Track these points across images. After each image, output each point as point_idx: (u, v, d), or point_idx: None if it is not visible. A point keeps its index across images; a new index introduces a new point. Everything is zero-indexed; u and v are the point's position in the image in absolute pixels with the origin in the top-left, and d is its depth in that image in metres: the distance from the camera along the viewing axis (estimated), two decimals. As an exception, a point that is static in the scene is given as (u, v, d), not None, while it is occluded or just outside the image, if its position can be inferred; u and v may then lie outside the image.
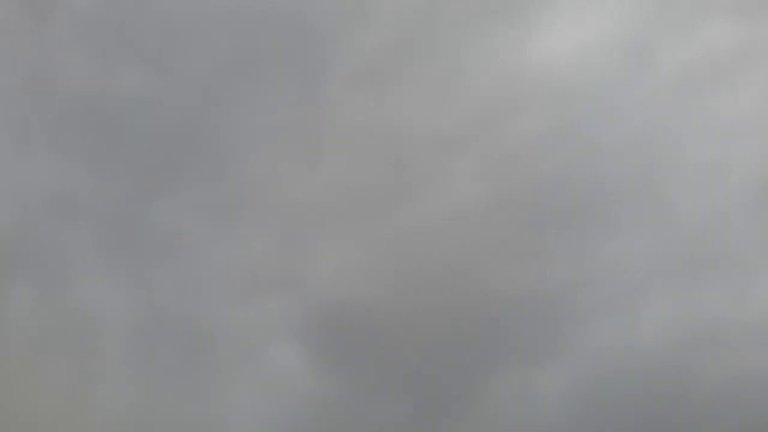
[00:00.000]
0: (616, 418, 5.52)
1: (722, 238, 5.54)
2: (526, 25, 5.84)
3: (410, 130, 5.92)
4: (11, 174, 5.81)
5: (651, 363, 5.55)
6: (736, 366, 5.40)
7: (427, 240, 5.86)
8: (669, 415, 5.46)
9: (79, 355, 5.70)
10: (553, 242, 5.75)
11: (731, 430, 5.33)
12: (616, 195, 5.74)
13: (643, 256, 5.65)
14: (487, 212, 5.80)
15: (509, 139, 5.85)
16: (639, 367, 5.57)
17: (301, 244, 6.02)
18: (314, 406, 5.84)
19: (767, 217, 5.48)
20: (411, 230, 5.88)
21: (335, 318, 5.94)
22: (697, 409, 5.44)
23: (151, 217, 6.04)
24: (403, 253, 5.89)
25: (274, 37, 6.03)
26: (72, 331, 5.74)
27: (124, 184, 5.97)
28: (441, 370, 5.80)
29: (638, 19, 5.77)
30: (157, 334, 5.93)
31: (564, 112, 5.82)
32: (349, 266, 5.97)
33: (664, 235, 5.63)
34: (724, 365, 5.41)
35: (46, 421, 5.44)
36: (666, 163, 5.68)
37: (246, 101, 6.02)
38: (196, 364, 5.95)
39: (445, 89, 5.89)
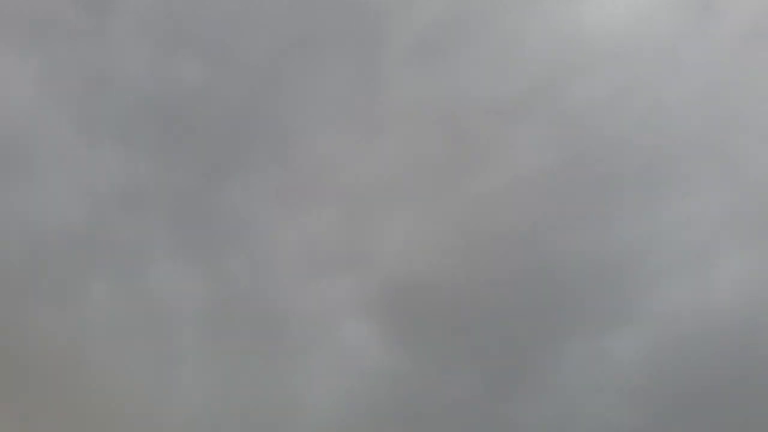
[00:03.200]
0: (692, 383, 5.43)
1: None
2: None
3: (469, 100, 5.88)
4: (82, 171, 5.98)
5: (726, 323, 5.43)
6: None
7: (492, 210, 5.83)
8: (747, 376, 5.35)
9: (157, 341, 5.87)
10: (621, 205, 5.66)
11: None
12: (683, 155, 5.62)
13: (714, 215, 5.52)
14: (552, 179, 5.74)
15: (570, 104, 5.76)
16: (714, 327, 5.47)
17: (368, 221, 6.06)
18: (387, 382, 5.91)
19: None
20: (475, 201, 5.86)
21: (404, 293, 5.98)
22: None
23: (219, 204, 6.16)
24: (468, 224, 5.88)
25: (328, 18, 6.04)
26: (149, 319, 5.91)
27: (191, 174, 6.09)
28: (511, 342, 5.79)
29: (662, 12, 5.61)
30: (231, 318, 6.06)
31: (625, 73, 5.70)
32: (414, 241, 5.99)
33: (735, 194, 5.48)
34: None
35: (126, 408, 5.64)
36: (735, 120, 5.52)
37: (304, 84, 6.06)
38: (271, 346, 6.07)
39: (502, 58, 5.82)
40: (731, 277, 5.44)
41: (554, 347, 5.72)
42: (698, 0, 5.60)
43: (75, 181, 6.01)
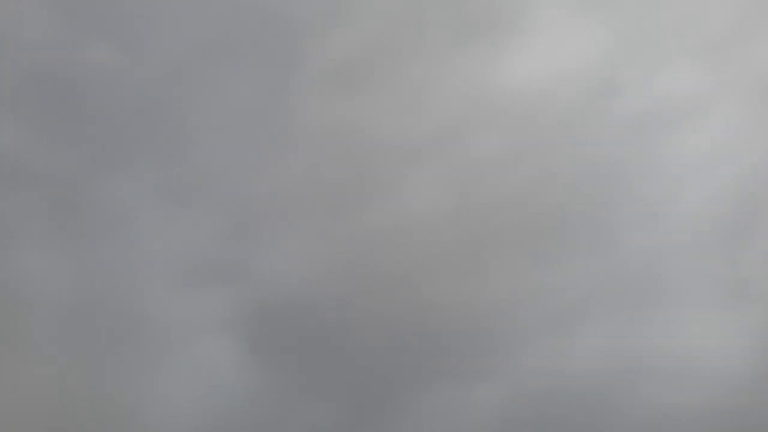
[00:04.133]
0: (545, 440, 5.63)
1: (663, 274, 5.72)
2: (502, 48, 5.96)
3: (377, 134, 5.96)
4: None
5: (583, 387, 5.68)
6: (664, 399, 5.57)
7: (379, 246, 5.89)
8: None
9: (7, 327, 5.54)
10: (500, 262, 5.85)
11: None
12: (566, 221, 5.88)
13: (587, 282, 5.79)
14: (441, 226, 5.87)
15: (472, 155, 5.94)
16: (571, 390, 5.70)
17: (253, 236, 5.99)
18: (241, 401, 5.80)
19: (706, 256, 5.68)
20: (363, 235, 5.91)
21: (274, 314, 5.92)
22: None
23: (101, 195, 5.93)
24: (352, 257, 5.91)
25: (250, 27, 6.00)
26: (1, 300, 5.58)
27: (78, 156, 5.84)
28: (376, 378, 5.83)
29: (608, 55, 5.94)
30: (90, 313, 5.81)
31: (527, 137, 5.94)
32: (295, 264, 5.96)
33: (608, 265, 5.78)
34: (651, 397, 5.58)
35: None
36: (617, 196, 5.84)
37: (213, 87, 5.97)
38: (128, 347, 5.85)
39: (416, 100, 5.95)
40: (594, 343, 5.71)
41: (416, 390, 5.79)
42: (602, 83, 5.94)
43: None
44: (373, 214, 5.94)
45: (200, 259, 6.00)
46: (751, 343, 5.48)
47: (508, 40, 6.01)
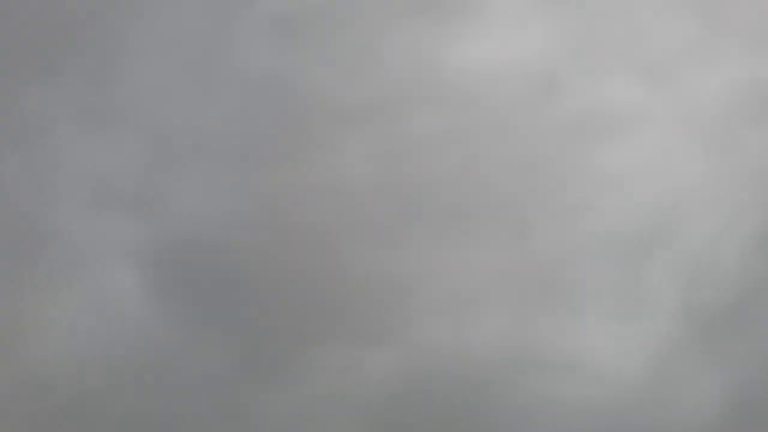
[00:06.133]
0: (432, 414, 5.78)
1: (568, 275, 5.93)
2: (451, 28, 5.97)
3: (316, 93, 5.90)
4: None
5: (474, 371, 5.85)
6: (550, 393, 5.80)
7: (302, 202, 5.87)
8: (479, 421, 5.79)
9: None
10: (419, 236, 5.93)
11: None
12: (486, 209, 6.00)
13: (494, 271, 5.94)
14: (368, 192, 5.89)
15: (406, 130, 5.96)
16: (461, 372, 5.86)
17: (174, 171, 5.85)
18: (140, 337, 5.72)
19: (612, 266, 5.92)
20: (290, 189, 5.87)
21: (188, 254, 5.83)
22: (497, 425, 5.80)
23: (17, 102, 5.66)
24: (275, 208, 5.86)
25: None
26: None
27: (2, 60, 5.55)
28: (278, 329, 5.84)
29: (555, 53, 6.04)
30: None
31: (463, 121, 6.00)
32: (215, 206, 5.87)
33: (518, 258, 5.94)
34: (539, 389, 5.81)
35: None
36: (538, 193, 5.99)
37: (156, 12, 5.76)
38: (28, 268, 5.66)
39: (358, 65, 5.91)
40: (489, 329, 5.87)
41: (314, 345, 5.84)
42: (549, 79, 6.04)
43: None
44: (300, 171, 5.91)
45: (115, 184, 5.83)
46: (644, 353, 5.76)
47: (459, 21, 6.03)
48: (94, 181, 5.83)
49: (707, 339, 5.74)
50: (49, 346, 5.69)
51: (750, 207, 5.79)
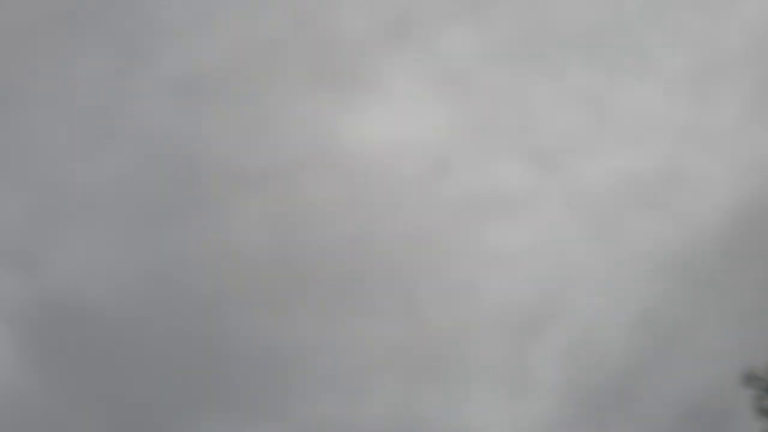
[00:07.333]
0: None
1: (457, 351, 5.97)
2: (353, 104, 6.06)
3: (213, 154, 5.81)
4: None
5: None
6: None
7: (192, 266, 5.69)
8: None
9: None
10: (310, 307, 5.84)
11: None
12: (377, 283, 6.00)
13: (385, 345, 5.91)
14: (261, 259, 5.78)
15: (299, 198, 5.93)
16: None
17: (53, 228, 5.57)
18: (6, 396, 5.33)
19: (499, 343, 6.01)
20: (178, 252, 5.69)
21: (64, 314, 5.54)
22: None
23: None
24: (163, 270, 5.66)
25: (107, 11, 5.65)
26: None
27: None
28: (156, 399, 5.58)
29: (449, 135, 6.21)
30: None
31: (358, 193, 6.04)
32: (96, 266, 5.61)
33: (408, 333, 5.95)
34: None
35: None
36: (428, 269, 6.05)
37: (53, 61, 5.55)
38: None
39: (259, 129, 5.88)
40: (379, 402, 5.81)
41: (194, 421, 5.59)
42: (442, 159, 6.18)
43: None
44: (192, 234, 5.76)
45: (-2, 238, 5.49)
46: (531, 430, 5.83)
47: (358, 95, 6.13)
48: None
49: (593, 416, 5.87)
50: None
51: (632, 287, 6.04)
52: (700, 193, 6.09)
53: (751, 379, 4.57)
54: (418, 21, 6.17)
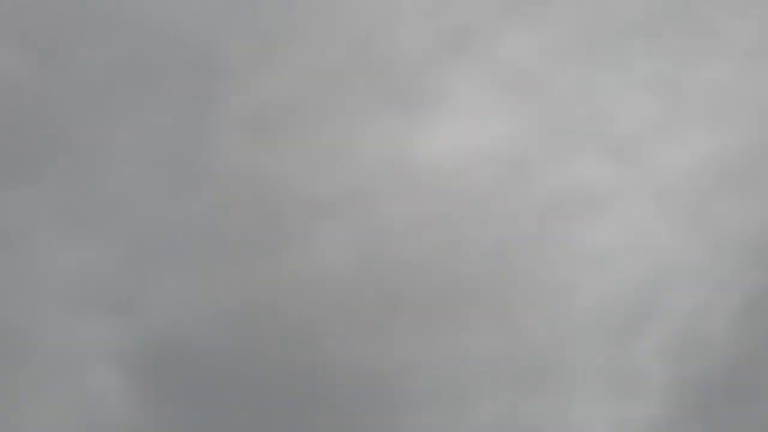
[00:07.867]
0: None
1: (557, 357, 5.84)
2: (421, 119, 6.05)
3: (289, 186, 5.92)
4: None
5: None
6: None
7: (282, 297, 5.82)
8: None
9: None
10: (403, 325, 5.85)
11: None
12: (466, 294, 5.95)
13: (483, 357, 5.85)
14: (348, 283, 5.85)
15: (380, 218, 5.96)
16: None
17: (151, 270, 5.82)
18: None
19: (601, 346, 5.84)
20: (267, 284, 5.82)
21: (169, 354, 5.75)
22: None
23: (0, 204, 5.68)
24: (255, 304, 5.81)
25: (174, 60, 5.90)
26: None
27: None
28: (265, 431, 5.71)
29: (523, 139, 6.11)
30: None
31: (437, 208, 6.01)
32: (194, 304, 5.82)
33: (505, 342, 5.87)
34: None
35: None
36: (518, 277, 5.96)
37: (130, 114, 5.83)
38: (7, 374, 5.57)
39: (330, 157, 5.95)
40: (483, 416, 5.75)
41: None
42: (520, 165, 6.08)
43: None
44: (278, 265, 5.88)
45: (95, 286, 5.79)
46: (638, 429, 5.63)
47: (428, 112, 6.11)
48: (74, 283, 5.79)
49: (701, 414, 5.61)
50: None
51: (732, 276, 5.75)
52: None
53: None
54: (475, 29, 6.11)
